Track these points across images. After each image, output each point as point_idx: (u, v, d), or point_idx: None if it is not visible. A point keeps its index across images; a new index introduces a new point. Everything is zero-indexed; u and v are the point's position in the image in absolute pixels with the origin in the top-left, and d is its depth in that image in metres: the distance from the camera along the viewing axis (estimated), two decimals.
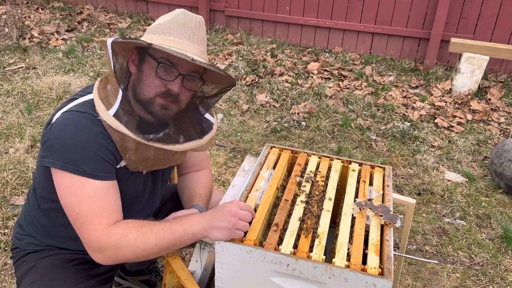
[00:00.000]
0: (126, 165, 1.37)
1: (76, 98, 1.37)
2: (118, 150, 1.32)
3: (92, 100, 1.33)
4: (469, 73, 4.32)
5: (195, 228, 1.30)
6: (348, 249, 1.28)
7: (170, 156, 1.43)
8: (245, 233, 1.33)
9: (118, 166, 1.35)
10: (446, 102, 4.30)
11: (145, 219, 1.35)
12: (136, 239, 1.26)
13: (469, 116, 4.05)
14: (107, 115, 1.27)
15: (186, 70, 1.31)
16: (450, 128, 3.89)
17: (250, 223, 1.34)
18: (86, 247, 1.30)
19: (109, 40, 1.23)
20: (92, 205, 1.26)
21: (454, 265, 2.46)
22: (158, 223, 1.31)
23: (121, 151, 1.32)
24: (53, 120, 1.32)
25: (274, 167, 1.67)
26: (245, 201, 1.47)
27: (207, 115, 1.48)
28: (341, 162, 1.71)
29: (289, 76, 4.66)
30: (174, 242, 1.29)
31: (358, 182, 1.61)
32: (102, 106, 1.29)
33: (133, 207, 1.50)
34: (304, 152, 1.76)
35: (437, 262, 1.96)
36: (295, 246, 1.28)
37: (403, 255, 1.54)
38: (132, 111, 1.32)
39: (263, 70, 4.75)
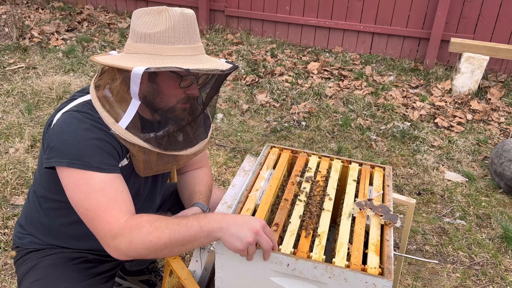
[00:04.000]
0: (127, 164, 1.37)
1: (75, 99, 1.37)
2: (131, 157, 1.34)
3: (90, 100, 1.33)
4: (469, 73, 4.32)
5: (213, 226, 1.19)
6: (348, 249, 1.28)
7: (179, 159, 1.44)
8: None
9: (120, 165, 1.35)
10: (446, 102, 4.30)
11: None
12: (149, 233, 1.19)
13: (469, 116, 4.06)
14: (118, 127, 1.28)
15: (201, 74, 1.31)
16: (450, 128, 3.89)
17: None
18: (101, 242, 1.26)
19: (139, 70, 1.18)
20: (99, 199, 1.23)
21: (454, 265, 2.46)
22: (174, 218, 1.25)
23: (134, 160, 1.33)
24: (54, 121, 1.32)
25: (274, 167, 1.67)
26: (245, 201, 1.47)
27: (206, 110, 1.50)
28: (341, 162, 1.71)
29: (289, 76, 4.66)
30: (189, 239, 1.20)
31: (358, 182, 1.61)
32: (110, 118, 1.29)
33: (134, 206, 1.51)
34: (304, 152, 1.76)
35: (437, 262, 1.96)
36: (295, 246, 1.28)
37: (403, 255, 1.54)
38: (145, 122, 1.32)
39: (263, 70, 4.75)
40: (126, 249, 1.21)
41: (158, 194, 1.63)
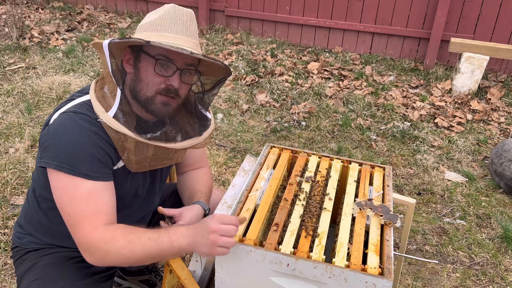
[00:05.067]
0: (124, 166, 1.37)
1: (74, 99, 1.37)
2: (118, 151, 1.32)
3: (89, 101, 1.33)
4: (469, 73, 4.32)
5: (182, 241, 1.26)
6: (348, 249, 1.28)
7: (170, 155, 1.43)
8: (245, 232, 1.32)
9: (115, 168, 1.35)
10: (446, 102, 4.30)
11: (136, 226, 1.33)
12: (122, 247, 1.25)
13: (469, 116, 4.05)
14: (107, 116, 1.28)
15: (183, 64, 1.31)
16: (450, 128, 3.89)
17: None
18: (78, 247, 1.31)
19: (105, 42, 1.23)
20: (82, 207, 1.26)
21: (454, 265, 2.46)
22: (147, 232, 1.28)
23: (120, 152, 1.32)
24: (51, 121, 1.32)
25: (274, 167, 1.67)
26: (245, 201, 1.47)
27: (204, 111, 1.49)
28: (341, 162, 1.71)
29: (289, 76, 4.66)
30: (161, 253, 1.27)
31: (358, 182, 1.61)
32: (100, 107, 1.29)
33: (132, 207, 1.51)
34: (304, 152, 1.76)
35: (437, 262, 1.96)
36: (295, 246, 1.28)
37: (403, 255, 1.54)
38: (132, 111, 1.32)
39: (263, 70, 4.75)
40: (102, 259, 1.28)
41: (157, 194, 1.63)
